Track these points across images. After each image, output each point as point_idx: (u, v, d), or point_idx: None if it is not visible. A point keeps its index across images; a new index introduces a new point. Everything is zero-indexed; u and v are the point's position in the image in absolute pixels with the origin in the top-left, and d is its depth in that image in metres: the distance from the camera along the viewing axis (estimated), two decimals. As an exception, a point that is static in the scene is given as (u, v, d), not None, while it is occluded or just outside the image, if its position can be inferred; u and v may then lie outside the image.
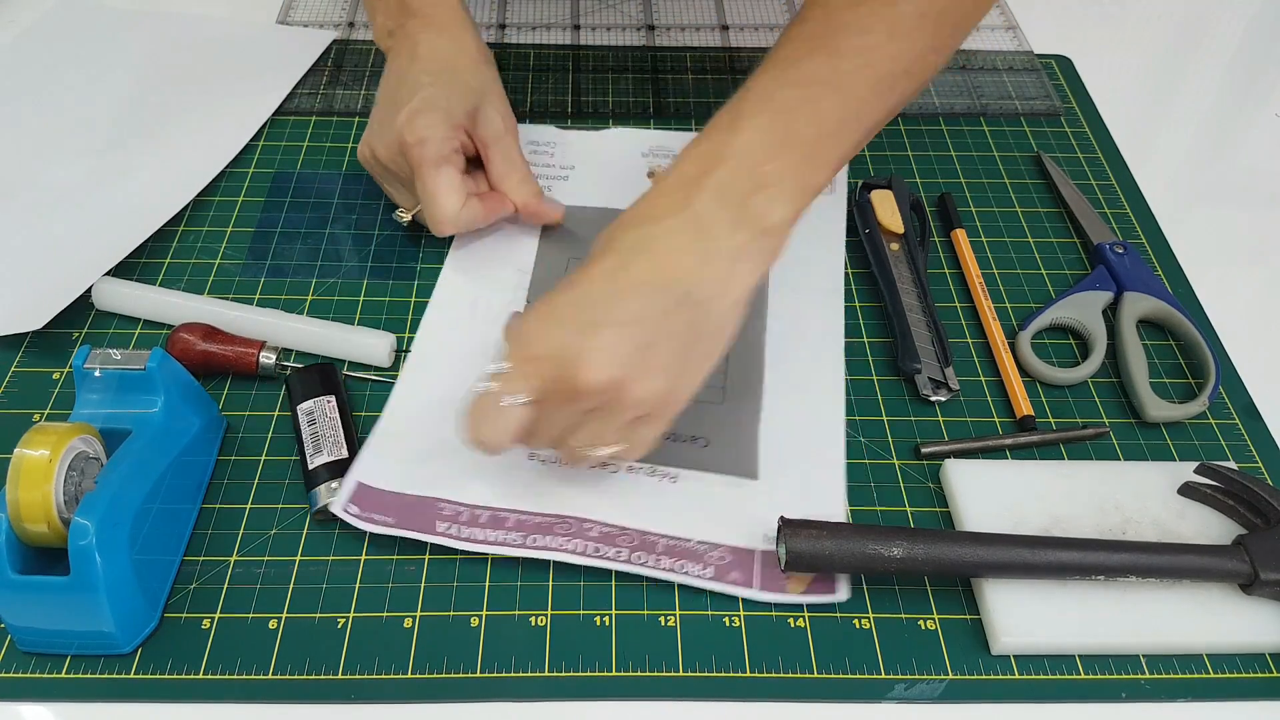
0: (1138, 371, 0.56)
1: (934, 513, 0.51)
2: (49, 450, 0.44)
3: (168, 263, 0.62)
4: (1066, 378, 0.57)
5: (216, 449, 0.53)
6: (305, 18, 0.81)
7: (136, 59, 0.75)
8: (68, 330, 0.58)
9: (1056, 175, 0.69)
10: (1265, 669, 0.46)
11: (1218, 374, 0.56)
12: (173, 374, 0.50)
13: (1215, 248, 0.66)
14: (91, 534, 0.42)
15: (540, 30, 0.80)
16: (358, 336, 0.57)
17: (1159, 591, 0.47)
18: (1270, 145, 0.75)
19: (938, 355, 0.56)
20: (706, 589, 0.48)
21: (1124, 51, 0.83)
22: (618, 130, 0.71)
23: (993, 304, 0.60)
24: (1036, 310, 0.60)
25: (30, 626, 0.45)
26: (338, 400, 0.53)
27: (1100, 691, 0.46)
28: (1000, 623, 0.46)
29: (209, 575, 0.48)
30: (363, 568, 0.49)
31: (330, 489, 0.50)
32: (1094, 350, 0.58)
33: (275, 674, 0.45)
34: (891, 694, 0.45)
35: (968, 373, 0.57)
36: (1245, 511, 0.50)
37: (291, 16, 0.81)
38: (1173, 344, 0.60)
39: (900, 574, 0.48)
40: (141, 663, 0.45)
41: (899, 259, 0.60)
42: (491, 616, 0.47)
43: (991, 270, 0.63)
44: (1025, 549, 0.46)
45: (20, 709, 0.45)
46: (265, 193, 0.67)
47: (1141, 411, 0.55)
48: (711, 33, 0.80)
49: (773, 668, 0.46)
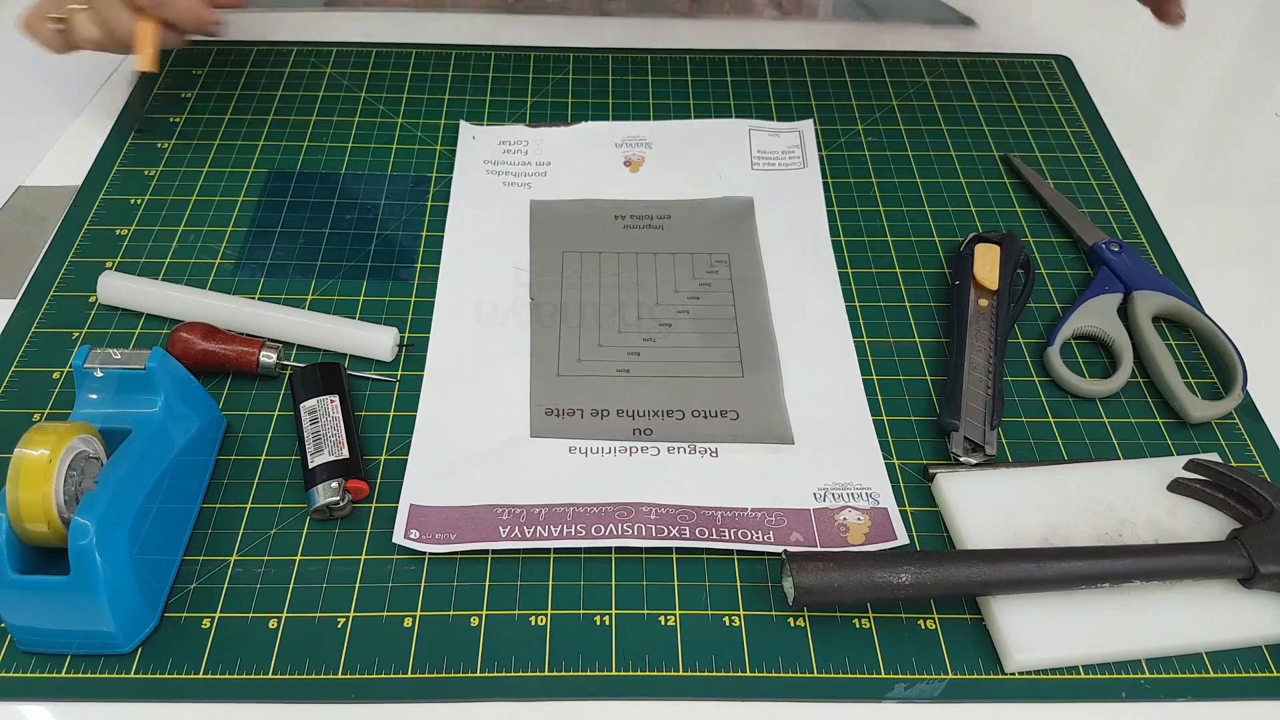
0: (1170, 373, 0.56)
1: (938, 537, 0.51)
2: (49, 450, 0.44)
3: (168, 263, 0.62)
4: (1102, 390, 0.56)
5: (216, 449, 0.53)
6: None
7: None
8: (68, 330, 0.58)
9: (1031, 176, 0.69)
10: (1265, 668, 0.46)
11: (1243, 364, 0.56)
12: (173, 374, 0.50)
13: (1215, 247, 0.67)
14: (91, 534, 0.42)
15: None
16: (361, 331, 0.57)
17: (1159, 592, 0.47)
18: (1270, 145, 0.75)
19: (985, 417, 0.54)
20: (774, 553, 0.49)
21: (1124, 51, 0.83)
22: (588, 125, 0.72)
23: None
24: (1057, 322, 0.59)
25: (30, 626, 0.45)
26: (341, 400, 0.53)
27: (1100, 691, 0.46)
28: (1012, 640, 0.46)
29: (209, 575, 0.48)
30: (363, 568, 0.49)
31: (330, 488, 0.50)
32: (1122, 357, 0.57)
33: (275, 674, 0.45)
34: (891, 694, 0.45)
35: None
36: (1236, 505, 0.50)
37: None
38: (1188, 338, 0.60)
39: (910, 600, 0.48)
40: (141, 662, 0.45)
41: (982, 315, 0.58)
42: (491, 616, 0.47)
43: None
44: (1031, 563, 0.46)
45: (20, 709, 0.45)
46: (265, 193, 0.67)
47: (1184, 414, 0.55)
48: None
49: (773, 668, 0.46)
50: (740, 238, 0.65)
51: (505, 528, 0.49)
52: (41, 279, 0.61)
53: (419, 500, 0.50)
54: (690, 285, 0.61)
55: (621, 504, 0.50)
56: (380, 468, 0.53)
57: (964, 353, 0.57)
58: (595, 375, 0.57)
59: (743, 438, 0.54)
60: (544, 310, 0.60)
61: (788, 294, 0.61)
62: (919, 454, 0.54)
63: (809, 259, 0.63)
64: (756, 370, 0.57)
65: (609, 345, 0.58)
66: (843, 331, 0.59)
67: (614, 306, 0.60)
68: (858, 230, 0.66)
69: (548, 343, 0.58)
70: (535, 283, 0.61)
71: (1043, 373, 0.58)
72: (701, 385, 0.56)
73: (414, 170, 0.69)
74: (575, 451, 0.53)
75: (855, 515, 0.50)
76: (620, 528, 0.49)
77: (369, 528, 0.50)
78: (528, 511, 0.50)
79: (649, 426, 0.54)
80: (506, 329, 0.59)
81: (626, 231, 0.65)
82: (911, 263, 0.64)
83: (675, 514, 0.50)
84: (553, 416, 0.54)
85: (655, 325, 0.59)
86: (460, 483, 0.51)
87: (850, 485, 0.52)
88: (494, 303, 0.60)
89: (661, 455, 0.53)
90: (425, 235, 0.64)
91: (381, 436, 0.54)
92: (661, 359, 0.57)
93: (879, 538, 0.49)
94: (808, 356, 0.58)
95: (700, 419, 0.54)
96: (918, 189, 0.69)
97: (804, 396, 0.56)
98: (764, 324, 0.59)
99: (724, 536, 0.49)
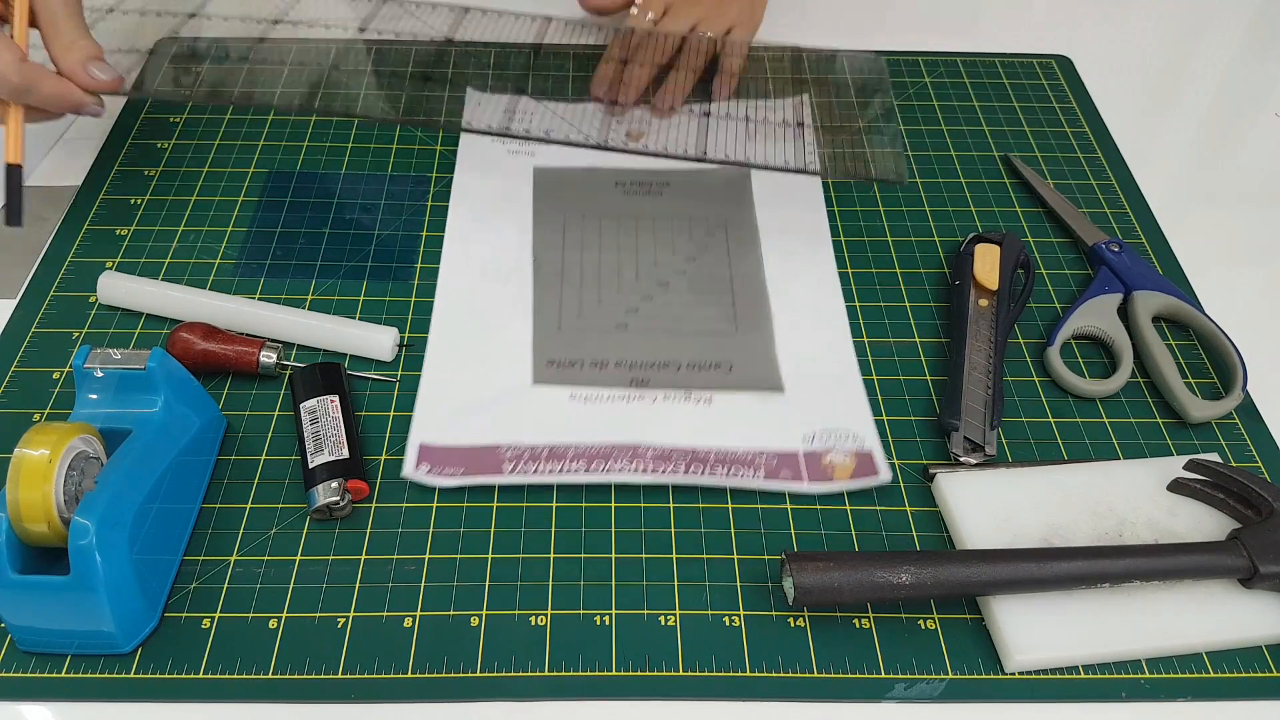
0: (1170, 374, 0.56)
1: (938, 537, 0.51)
2: (49, 450, 0.44)
3: (168, 263, 0.62)
4: (1102, 390, 0.56)
5: (216, 449, 0.53)
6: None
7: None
8: (68, 330, 0.58)
9: (1031, 176, 0.69)
10: (1265, 668, 0.46)
11: (1243, 364, 0.56)
12: (173, 373, 0.50)
13: (1215, 248, 0.67)
14: (91, 534, 0.42)
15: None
16: (361, 331, 0.57)
17: (1160, 592, 0.47)
18: (1270, 145, 0.75)
19: (985, 417, 0.54)
20: (762, 489, 0.52)
21: (1124, 51, 0.83)
22: (589, 105, 0.72)
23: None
24: (1057, 322, 0.59)
25: (30, 626, 0.45)
26: (341, 400, 0.53)
27: (1100, 691, 0.46)
28: (1012, 640, 0.46)
29: (209, 575, 0.48)
30: (363, 567, 0.49)
31: (330, 488, 0.50)
32: (1122, 357, 0.57)
33: (275, 674, 0.45)
34: (891, 694, 0.45)
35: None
36: (1236, 504, 0.50)
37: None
38: (1188, 338, 0.60)
39: (910, 600, 0.48)
40: (141, 662, 0.45)
41: (982, 315, 0.58)
42: (491, 616, 0.47)
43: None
44: (1032, 563, 0.46)
45: (20, 709, 0.45)
46: (265, 193, 0.67)
47: (1184, 414, 0.55)
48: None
49: (773, 668, 0.46)
50: (737, 204, 0.67)
51: (509, 464, 0.52)
52: (41, 279, 0.61)
53: (428, 439, 0.53)
54: (688, 248, 0.64)
55: (621, 444, 0.53)
56: (380, 468, 0.53)
57: (964, 353, 0.57)
58: (595, 329, 0.59)
59: (735, 386, 0.56)
60: (547, 270, 0.62)
61: (782, 256, 0.63)
62: (919, 454, 0.54)
63: (803, 223, 0.66)
64: (750, 327, 0.59)
65: (608, 303, 0.61)
66: (834, 291, 0.62)
67: (614, 267, 0.63)
68: (858, 230, 0.66)
69: (550, 299, 0.61)
70: (539, 244, 0.64)
71: (1043, 373, 0.58)
72: (696, 340, 0.59)
73: (414, 170, 0.69)
74: (575, 398, 0.55)
75: (841, 456, 0.53)
76: (619, 464, 0.52)
77: (369, 528, 0.50)
78: (530, 450, 0.53)
79: (646, 377, 0.57)
80: (510, 286, 0.61)
81: (627, 198, 0.67)
82: (911, 263, 0.64)
83: (671, 454, 0.52)
84: (554, 366, 0.57)
85: (654, 284, 0.62)
86: (466, 424, 0.54)
87: (837, 429, 0.54)
88: (499, 262, 0.62)
89: (658, 402, 0.55)
90: (425, 235, 0.64)
91: (381, 436, 0.54)
92: (659, 315, 0.60)
93: (863, 475, 0.52)
94: (799, 314, 0.60)
95: (695, 370, 0.57)
96: (918, 189, 0.69)
97: (795, 350, 0.58)
98: (758, 284, 0.62)
99: (716, 474, 0.52)
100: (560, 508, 0.51)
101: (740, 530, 0.51)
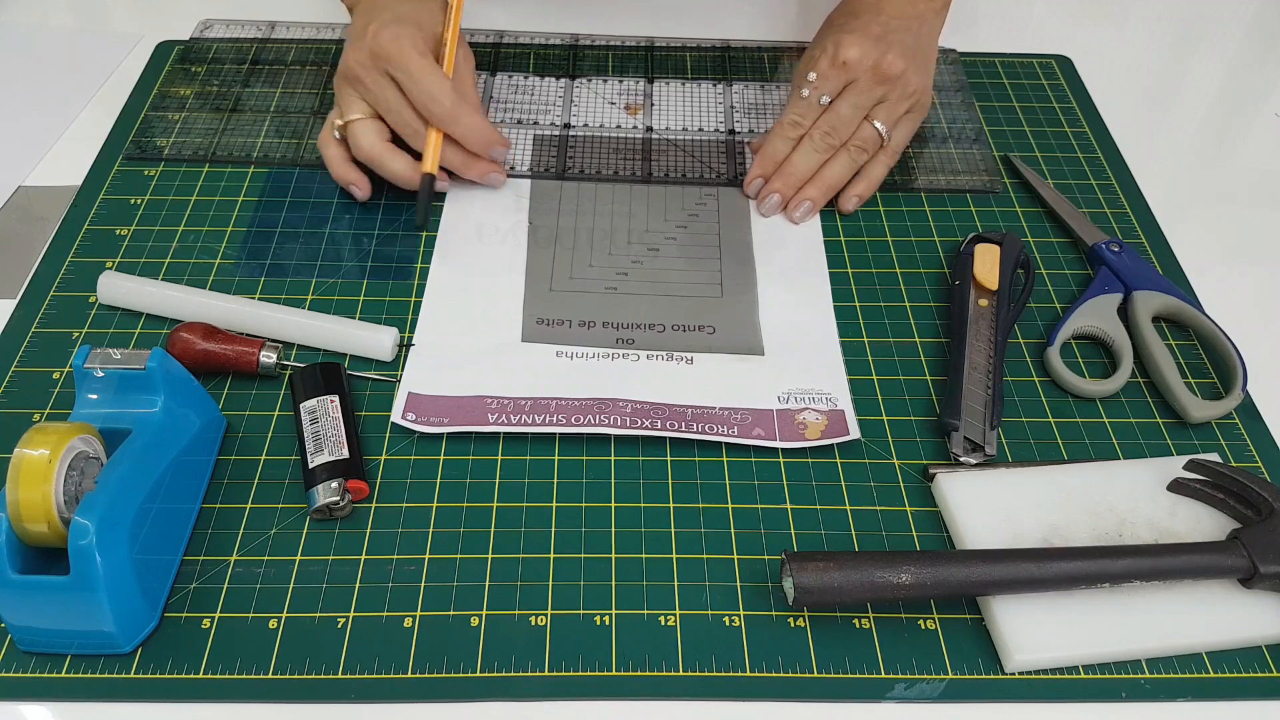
0: (1170, 374, 0.56)
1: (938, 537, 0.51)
2: (49, 450, 0.44)
3: (167, 263, 0.62)
4: (1101, 390, 0.56)
5: (216, 449, 0.53)
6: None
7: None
8: (68, 330, 0.58)
9: (1031, 176, 0.69)
10: (1265, 668, 0.46)
11: (1243, 364, 0.56)
12: (173, 374, 0.50)
13: (1215, 248, 0.67)
14: (91, 534, 0.42)
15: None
16: (361, 331, 0.57)
17: (1160, 592, 0.47)
18: (1270, 145, 0.75)
19: (985, 417, 0.54)
20: (735, 443, 0.53)
21: (1124, 51, 0.83)
22: (591, 80, 0.75)
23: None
24: (1057, 322, 0.59)
25: (30, 626, 0.45)
26: (341, 400, 0.53)
27: (1100, 691, 0.46)
28: (1012, 640, 0.46)
29: (209, 575, 0.48)
30: (363, 567, 0.49)
31: (330, 488, 0.50)
32: (1122, 358, 0.57)
33: (275, 674, 0.45)
34: (891, 694, 0.45)
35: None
36: (1236, 504, 0.50)
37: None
38: (1187, 338, 0.60)
39: (910, 600, 0.48)
40: (141, 662, 0.45)
41: (982, 315, 0.58)
42: (491, 616, 0.47)
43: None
44: (1032, 563, 0.46)
45: (20, 709, 0.45)
46: (265, 193, 0.67)
47: (1184, 414, 0.55)
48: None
49: (773, 668, 0.46)
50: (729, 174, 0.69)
51: (493, 415, 0.54)
52: (41, 279, 0.61)
53: (416, 389, 0.55)
54: (679, 215, 0.66)
55: (600, 399, 0.55)
56: (380, 468, 0.53)
57: (964, 353, 0.57)
58: (585, 291, 0.62)
59: (717, 348, 0.58)
60: (541, 233, 0.65)
61: (767, 230, 0.65)
62: (919, 454, 0.54)
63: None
64: (735, 291, 0.62)
65: (599, 265, 0.63)
66: (819, 260, 0.64)
67: (606, 232, 0.65)
68: (858, 230, 0.66)
69: (542, 261, 0.63)
70: (534, 209, 0.66)
71: (1043, 373, 0.58)
72: (683, 303, 0.61)
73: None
74: (561, 355, 0.58)
75: (814, 415, 0.55)
76: (598, 418, 0.54)
77: (369, 528, 0.50)
78: (514, 403, 0.55)
79: (631, 337, 0.59)
80: (505, 248, 0.64)
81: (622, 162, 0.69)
82: (911, 263, 0.64)
83: (649, 409, 0.54)
84: (542, 325, 0.59)
85: (644, 249, 0.64)
86: (455, 376, 0.56)
87: (811, 390, 0.56)
88: (495, 225, 0.65)
89: (641, 361, 0.57)
90: (425, 235, 0.64)
91: (381, 436, 0.54)
92: (647, 279, 0.62)
93: (834, 434, 0.54)
94: (784, 281, 0.62)
95: (679, 332, 0.59)
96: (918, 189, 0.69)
97: (777, 316, 0.60)
98: (745, 251, 0.64)
99: (692, 429, 0.53)
100: (560, 508, 0.51)
101: (740, 530, 0.51)
